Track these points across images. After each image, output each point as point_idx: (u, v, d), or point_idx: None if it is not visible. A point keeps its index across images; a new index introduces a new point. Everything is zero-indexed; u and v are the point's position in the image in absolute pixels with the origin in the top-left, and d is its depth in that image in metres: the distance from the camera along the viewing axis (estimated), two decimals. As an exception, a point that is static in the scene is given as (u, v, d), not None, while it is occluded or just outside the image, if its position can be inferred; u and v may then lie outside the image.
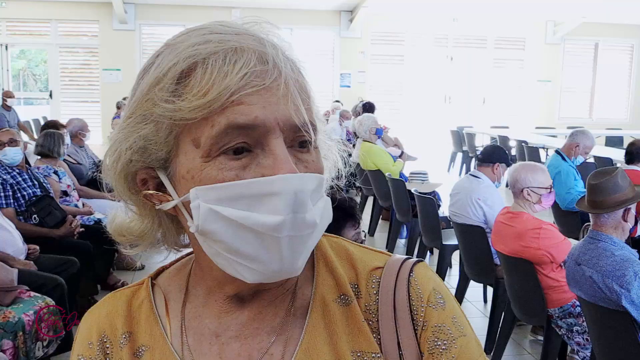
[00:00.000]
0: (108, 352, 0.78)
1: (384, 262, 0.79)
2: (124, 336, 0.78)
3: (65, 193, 4.94)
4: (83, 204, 5.14)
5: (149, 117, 0.67)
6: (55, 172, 4.95)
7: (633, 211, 2.87)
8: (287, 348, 0.74)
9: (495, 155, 4.55)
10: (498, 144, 9.15)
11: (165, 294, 0.81)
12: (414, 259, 0.80)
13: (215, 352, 0.75)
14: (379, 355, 0.74)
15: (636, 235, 3.41)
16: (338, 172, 0.81)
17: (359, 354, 0.74)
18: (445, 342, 0.73)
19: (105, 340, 0.79)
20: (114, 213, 0.79)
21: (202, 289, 0.78)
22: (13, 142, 4.42)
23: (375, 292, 0.77)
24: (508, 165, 4.49)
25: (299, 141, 0.68)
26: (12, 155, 4.38)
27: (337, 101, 12.15)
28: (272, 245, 0.65)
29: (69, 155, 5.74)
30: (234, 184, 0.64)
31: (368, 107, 10.08)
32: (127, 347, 0.77)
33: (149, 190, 0.72)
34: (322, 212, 0.69)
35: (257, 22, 0.71)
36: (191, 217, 0.67)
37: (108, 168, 0.73)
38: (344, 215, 2.13)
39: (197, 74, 0.65)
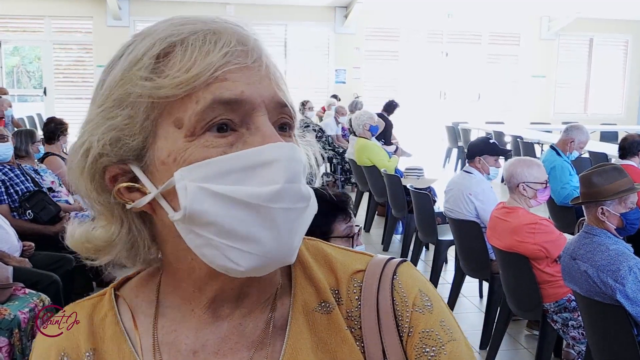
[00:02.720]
0: None
1: (365, 265, 0.75)
2: (87, 354, 0.72)
3: (50, 189, 4.90)
4: (74, 200, 5.12)
5: (124, 102, 0.64)
6: (35, 171, 4.90)
7: (633, 199, 2.87)
8: None
9: (475, 150, 4.58)
10: (486, 137, 9.11)
11: (131, 307, 0.75)
12: (397, 259, 0.75)
13: None
14: None
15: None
16: (310, 173, 0.76)
17: None
18: (433, 348, 0.69)
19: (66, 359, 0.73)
20: (73, 226, 0.72)
21: (176, 301, 0.73)
22: (3, 138, 4.41)
23: (357, 297, 0.73)
24: (492, 154, 4.50)
25: (280, 123, 0.67)
26: (4, 151, 4.38)
27: (335, 96, 12.13)
28: (268, 221, 0.61)
29: (64, 152, 5.72)
30: (222, 158, 0.61)
31: (394, 106, 9.95)
32: None
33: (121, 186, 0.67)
34: (312, 194, 0.66)
35: (232, 16, 0.71)
36: (172, 207, 0.63)
37: (74, 165, 0.67)
38: (333, 209, 2.11)
39: (176, 53, 0.63)
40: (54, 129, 5.61)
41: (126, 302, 0.76)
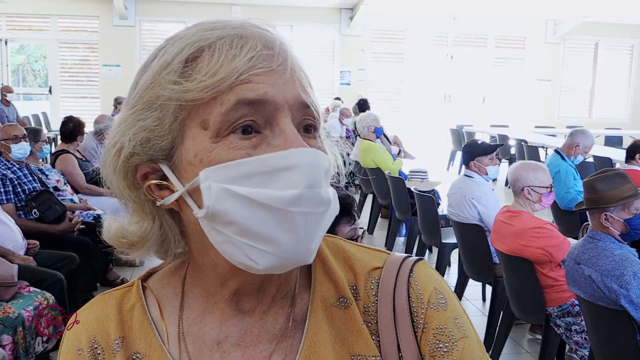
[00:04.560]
0: (99, 358, 0.75)
1: (382, 262, 0.78)
2: (116, 342, 0.75)
3: (55, 188, 4.92)
4: (80, 200, 5.13)
5: (154, 104, 0.67)
6: (41, 170, 4.92)
7: (637, 205, 2.87)
8: (288, 356, 0.73)
9: (468, 155, 4.63)
10: (474, 140, 9.08)
11: (158, 297, 0.78)
12: (414, 257, 0.78)
13: None
14: (378, 358, 0.73)
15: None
16: (337, 173, 0.79)
17: (358, 358, 0.73)
18: (446, 344, 0.72)
19: (96, 346, 0.76)
20: (110, 220, 0.77)
21: (200, 293, 0.76)
22: (25, 137, 4.49)
23: (374, 293, 0.76)
24: (483, 154, 4.51)
25: (305, 125, 0.69)
26: (27, 149, 4.46)
27: (338, 98, 12.14)
28: (287, 223, 0.63)
29: (78, 151, 5.75)
30: (246, 160, 0.63)
31: (362, 104, 10.08)
32: (120, 354, 0.75)
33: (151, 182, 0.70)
34: (333, 197, 0.67)
35: (256, 19, 0.72)
36: (198, 205, 0.66)
37: (107, 163, 0.71)
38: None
39: (204, 57, 0.65)
40: (73, 128, 5.67)
41: (153, 293, 0.79)
